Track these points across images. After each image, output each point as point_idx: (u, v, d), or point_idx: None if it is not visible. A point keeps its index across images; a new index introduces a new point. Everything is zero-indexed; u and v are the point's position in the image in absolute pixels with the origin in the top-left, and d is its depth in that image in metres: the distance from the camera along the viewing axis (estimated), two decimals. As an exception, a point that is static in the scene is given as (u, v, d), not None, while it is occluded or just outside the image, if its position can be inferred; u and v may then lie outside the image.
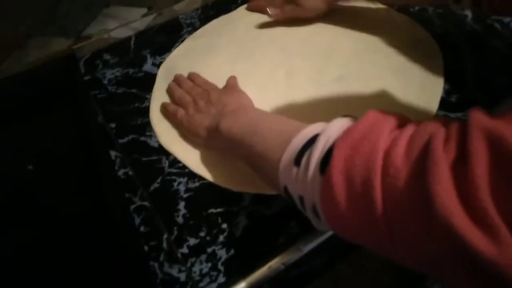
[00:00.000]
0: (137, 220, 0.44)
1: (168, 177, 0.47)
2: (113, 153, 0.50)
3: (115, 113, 0.55)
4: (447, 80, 0.52)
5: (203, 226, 0.43)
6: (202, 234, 0.42)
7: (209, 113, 0.47)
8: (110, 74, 0.60)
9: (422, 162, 0.22)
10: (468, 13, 0.61)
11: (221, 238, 0.42)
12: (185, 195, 0.46)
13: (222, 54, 0.61)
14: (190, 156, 0.49)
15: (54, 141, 0.51)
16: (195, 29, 0.66)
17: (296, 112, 0.52)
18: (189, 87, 0.54)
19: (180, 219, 0.44)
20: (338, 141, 0.27)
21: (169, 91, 0.55)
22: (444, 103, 0.50)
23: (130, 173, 0.48)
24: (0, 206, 0.47)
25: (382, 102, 0.52)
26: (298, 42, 0.61)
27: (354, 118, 0.31)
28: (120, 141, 0.52)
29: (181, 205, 0.45)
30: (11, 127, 0.53)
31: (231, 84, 0.53)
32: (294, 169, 0.30)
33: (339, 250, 0.42)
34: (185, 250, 0.41)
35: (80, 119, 0.52)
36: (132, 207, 0.45)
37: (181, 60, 0.62)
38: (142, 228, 0.43)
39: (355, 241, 0.28)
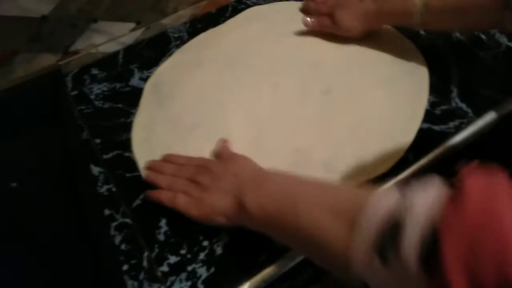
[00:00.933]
0: (118, 238, 0.44)
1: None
2: (96, 169, 0.50)
3: (100, 129, 0.55)
4: (432, 92, 0.52)
5: (184, 243, 0.42)
6: (183, 251, 0.42)
7: (221, 189, 0.40)
8: (97, 89, 0.60)
9: None
10: (455, 24, 0.61)
11: (201, 255, 0.41)
12: (167, 212, 0.45)
13: (208, 68, 0.61)
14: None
15: (38, 158, 0.51)
16: (183, 42, 0.66)
17: (282, 125, 0.52)
18: (174, 169, 0.45)
19: (161, 236, 0.43)
20: (443, 229, 0.21)
21: (149, 181, 0.46)
22: (428, 115, 0.50)
23: (114, 189, 0.48)
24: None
25: (368, 114, 0.51)
26: (284, 55, 0.61)
27: (440, 180, 0.24)
28: (105, 156, 0.52)
29: (163, 222, 0.44)
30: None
31: (226, 152, 0.46)
32: (378, 263, 0.24)
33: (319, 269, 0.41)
34: (165, 268, 0.41)
35: (64, 135, 0.52)
36: (114, 224, 0.45)
37: (168, 74, 0.62)
38: (123, 246, 0.43)
39: None
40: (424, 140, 0.47)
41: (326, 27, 0.60)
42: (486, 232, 0.20)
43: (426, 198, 0.23)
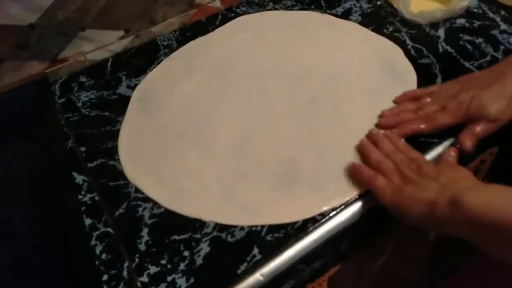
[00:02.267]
0: (99, 248, 0.43)
1: (134, 203, 0.47)
2: (80, 178, 0.50)
3: (86, 137, 0.55)
4: (417, 102, 0.52)
5: (165, 253, 0.42)
6: (163, 262, 0.42)
7: (427, 186, 0.38)
8: (84, 96, 0.60)
9: None
10: (441, 34, 0.61)
11: (182, 266, 0.41)
12: (149, 221, 0.45)
13: (197, 76, 0.61)
14: (155, 189, 0.48)
15: (23, 166, 0.51)
16: (172, 50, 0.66)
17: (269, 134, 0.52)
18: (390, 150, 0.44)
19: (142, 246, 0.43)
20: None
21: (362, 149, 0.47)
22: (413, 126, 0.49)
23: (97, 198, 0.48)
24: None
25: (355, 123, 0.51)
26: (273, 65, 0.61)
27: None
28: (89, 165, 0.51)
29: (145, 231, 0.44)
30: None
31: (449, 160, 0.43)
32: None
33: (301, 279, 0.41)
34: (145, 278, 0.41)
35: (50, 143, 0.52)
36: (96, 233, 0.45)
37: (156, 82, 0.62)
38: (103, 256, 0.43)
39: None
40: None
41: (482, 132, 0.45)
42: None
43: None
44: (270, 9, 0.71)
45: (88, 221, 0.45)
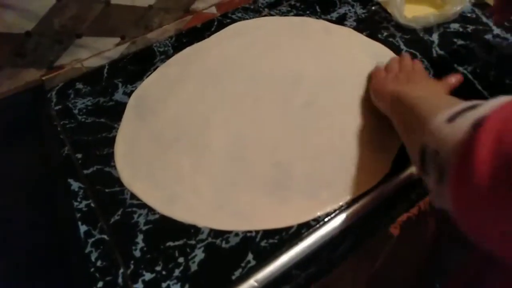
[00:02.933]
0: (94, 255, 0.43)
1: (129, 209, 0.47)
2: (76, 185, 0.50)
3: (82, 143, 0.55)
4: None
5: (160, 260, 0.42)
6: (158, 268, 0.42)
7: (400, 82, 0.49)
8: (81, 103, 0.61)
9: None
10: (435, 39, 0.61)
11: (176, 272, 0.41)
12: (144, 228, 0.45)
13: (192, 82, 0.61)
14: (151, 194, 0.48)
15: (19, 172, 0.51)
16: (168, 57, 0.67)
17: (263, 139, 0.52)
18: (406, 64, 0.54)
19: (137, 253, 0.43)
20: (498, 107, 0.26)
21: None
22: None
23: (92, 205, 0.48)
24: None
25: (349, 128, 0.52)
26: (267, 70, 0.61)
27: None
28: (85, 171, 0.52)
29: (140, 238, 0.44)
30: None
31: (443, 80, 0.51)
32: (445, 125, 0.30)
33: (296, 285, 0.41)
34: (140, 285, 0.41)
35: (46, 150, 0.52)
36: (91, 240, 0.45)
37: (152, 89, 0.62)
38: (99, 263, 0.43)
39: (478, 228, 0.26)
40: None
41: None
42: None
43: (503, 99, 0.28)
44: (265, 15, 0.72)
45: (83, 228, 0.46)
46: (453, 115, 0.30)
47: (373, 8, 0.69)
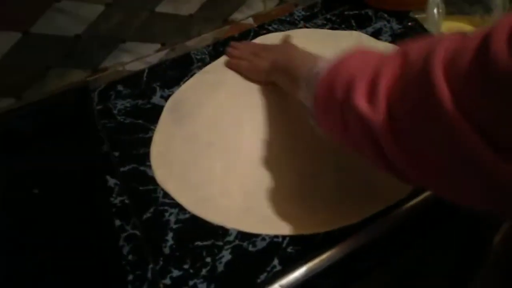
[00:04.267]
0: (126, 249, 0.45)
1: (161, 207, 0.49)
2: (112, 181, 0.52)
3: (120, 142, 0.58)
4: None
5: (188, 258, 0.44)
6: (186, 266, 0.43)
7: (268, 58, 0.59)
8: (120, 104, 0.64)
9: None
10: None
11: (203, 271, 0.42)
12: (174, 226, 0.47)
13: (226, 90, 0.63)
14: (183, 193, 0.50)
15: (60, 167, 0.54)
16: (205, 64, 0.69)
17: (293, 147, 0.53)
18: (243, 48, 0.67)
19: (167, 250, 0.45)
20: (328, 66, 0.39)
21: (230, 54, 0.68)
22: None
23: (127, 201, 0.50)
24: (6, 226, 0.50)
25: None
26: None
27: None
28: (122, 169, 0.54)
29: (170, 236, 0.46)
30: (23, 152, 0.56)
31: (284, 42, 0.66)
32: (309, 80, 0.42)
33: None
34: (168, 281, 0.42)
35: (86, 146, 0.55)
36: (124, 235, 0.47)
37: (188, 94, 0.64)
38: (130, 257, 0.45)
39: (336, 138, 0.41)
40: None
41: None
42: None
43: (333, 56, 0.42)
44: (301, 27, 0.73)
45: (117, 222, 0.48)
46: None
47: (409, 24, 0.69)
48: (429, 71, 0.25)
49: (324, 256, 0.42)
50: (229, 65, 0.66)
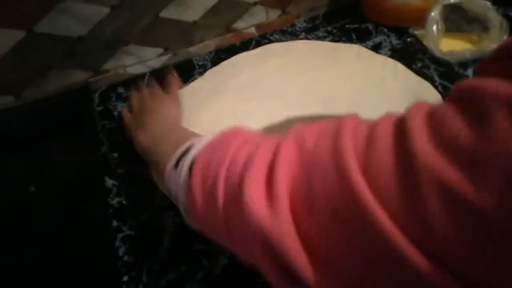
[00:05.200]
0: (122, 249, 0.45)
1: (158, 210, 0.49)
2: (110, 182, 0.52)
3: (119, 144, 0.58)
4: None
5: (184, 261, 0.43)
6: (182, 269, 0.43)
7: (137, 127, 0.50)
8: (121, 106, 0.64)
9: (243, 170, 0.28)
10: (470, 74, 0.62)
11: (200, 275, 0.42)
12: (171, 228, 0.47)
13: (225, 96, 0.63)
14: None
15: (59, 166, 0.54)
16: (206, 70, 0.70)
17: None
18: (141, 98, 0.57)
19: (163, 252, 0.45)
20: (201, 151, 0.33)
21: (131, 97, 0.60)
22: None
23: (124, 202, 0.50)
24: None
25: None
26: (297, 91, 0.63)
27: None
28: (120, 170, 0.54)
29: (166, 238, 0.46)
30: (22, 150, 0.56)
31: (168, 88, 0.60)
32: (173, 172, 0.36)
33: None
34: (163, 283, 0.42)
35: (86, 147, 0.55)
36: (120, 235, 0.46)
37: (188, 99, 0.64)
38: (125, 258, 0.44)
39: (208, 234, 0.35)
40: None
41: None
42: (217, 151, 0.32)
43: (207, 137, 0.36)
44: (302, 39, 0.74)
45: (114, 223, 0.47)
46: (177, 161, 0.35)
47: (408, 39, 0.71)
48: (342, 164, 0.23)
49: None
50: (124, 112, 0.58)
